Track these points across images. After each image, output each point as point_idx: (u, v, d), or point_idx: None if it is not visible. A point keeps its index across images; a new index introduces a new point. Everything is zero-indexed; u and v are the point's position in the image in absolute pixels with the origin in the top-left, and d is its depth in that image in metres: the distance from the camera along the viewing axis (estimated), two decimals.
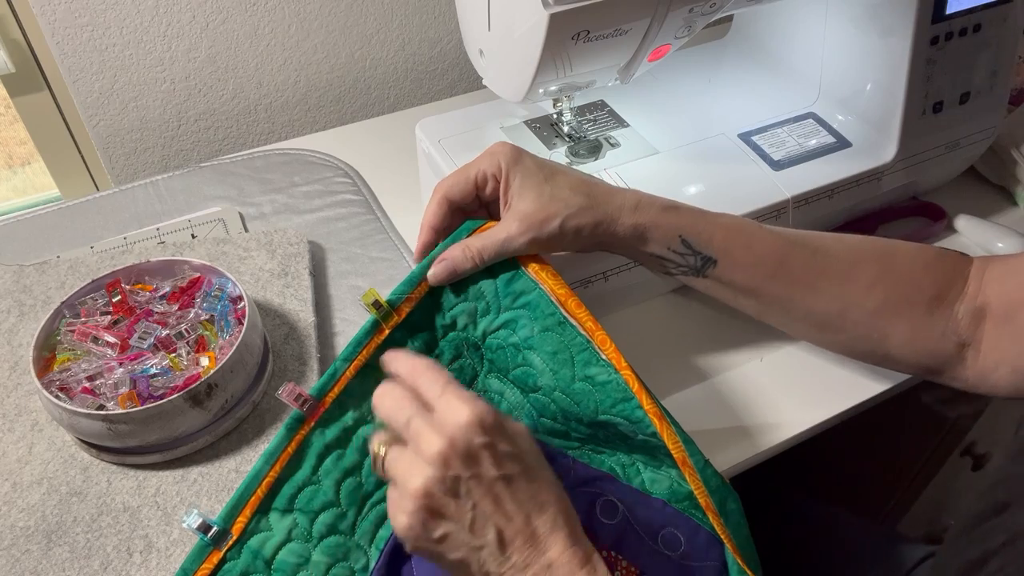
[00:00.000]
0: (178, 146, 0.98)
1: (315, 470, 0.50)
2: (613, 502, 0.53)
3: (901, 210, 0.81)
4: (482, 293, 0.55)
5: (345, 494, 0.51)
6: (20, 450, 0.59)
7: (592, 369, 0.51)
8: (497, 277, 0.54)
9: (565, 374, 0.52)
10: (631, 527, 0.52)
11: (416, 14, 1.02)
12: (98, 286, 0.63)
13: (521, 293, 0.54)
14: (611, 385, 0.50)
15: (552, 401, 0.53)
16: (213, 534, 0.48)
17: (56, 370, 0.58)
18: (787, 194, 0.71)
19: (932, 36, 0.71)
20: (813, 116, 0.79)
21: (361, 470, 0.51)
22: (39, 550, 0.53)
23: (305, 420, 0.50)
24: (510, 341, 0.54)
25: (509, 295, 0.54)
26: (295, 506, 0.50)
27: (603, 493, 0.53)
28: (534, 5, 0.54)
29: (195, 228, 0.80)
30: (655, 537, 0.51)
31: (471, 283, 0.55)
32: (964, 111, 0.77)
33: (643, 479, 0.53)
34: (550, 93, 0.67)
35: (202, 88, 0.95)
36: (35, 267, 0.73)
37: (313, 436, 0.51)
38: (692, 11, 0.60)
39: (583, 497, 0.53)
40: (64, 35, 0.84)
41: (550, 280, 0.53)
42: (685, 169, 0.72)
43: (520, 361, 0.54)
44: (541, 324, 0.52)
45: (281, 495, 0.50)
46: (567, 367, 0.52)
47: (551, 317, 0.52)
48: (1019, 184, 0.84)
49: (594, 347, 0.51)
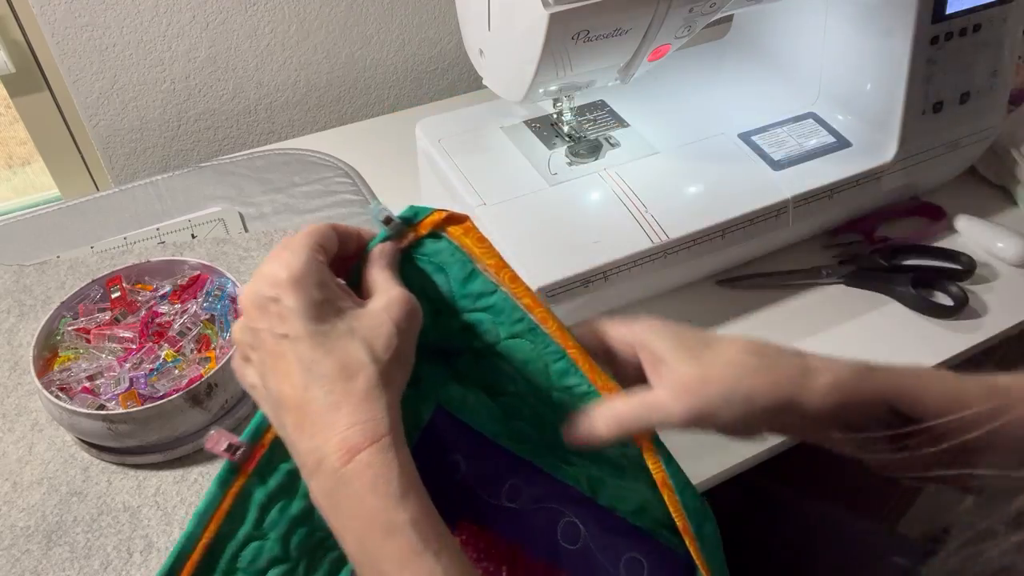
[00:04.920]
0: (178, 146, 0.98)
1: (258, 524, 0.44)
2: (575, 525, 0.49)
3: (901, 210, 0.81)
4: (439, 294, 0.48)
5: (295, 546, 0.45)
6: (20, 450, 0.59)
7: (570, 379, 0.46)
8: (451, 276, 0.47)
9: (540, 383, 0.47)
10: (592, 553, 0.48)
11: (416, 14, 1.02)
12: (98, 286, 0.63)
13: (480, 295, 0.47)
14: (591, 397, 0.46)
15: (524, 405, 0.49)
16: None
17: (56, 370, 0.58)
18: (787, 194, 0.71)
19: (932, 36, 0.71)
20: (813, 116, 0.79)
21: (312, 518, 0.45)
22: (39, 550, 0.53)
23: (241, 469, 0.43)
24: (473, 346, 0.49)
25: (467, 297, 0.47)
26: (238, 566, 0.44)
27: (565, 514, 0.49)
28: (534, 5, 0.54)
29: (195, 228, 0.80)
30: (617, 564, 0.48)
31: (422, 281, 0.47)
32: (964, 111, 0.77)
33: (610, 495, 0.49)
34: (550, 93, 0.67)
35: (202, 88, 0.95)
36: (35, 267, 0.73)
37: (252, 487, 0.44)
38: (692, 11, 0.60)
39: (545, 515, 0.49)
40: (64, 35, 0.84)
41: (510, 284, 0.46)
42: (685, 169, 0.72)
43: (487, 367, 0.49)
44: (507, 330, 0.47)
45: (223, 556, 0.43)
46: (542, 377, 0.47)
47: (519, 323, 0.46)
48: (1019, 184, 0.84)
49: (569, 357, 0.46)
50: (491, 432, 0.50)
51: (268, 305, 0.38)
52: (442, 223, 0.45)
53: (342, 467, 0.36)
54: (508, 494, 0.49)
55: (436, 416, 0.49)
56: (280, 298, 0.38)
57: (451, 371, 0.51)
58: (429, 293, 0.46)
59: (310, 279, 0.39)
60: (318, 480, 0.37)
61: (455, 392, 0.50)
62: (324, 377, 0.37)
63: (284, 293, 0.38)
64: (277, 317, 0.38)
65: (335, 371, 0.37)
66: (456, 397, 0.50)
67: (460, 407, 0.50)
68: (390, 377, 0.39)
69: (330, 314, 0.39)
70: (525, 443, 0.51)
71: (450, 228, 0.45)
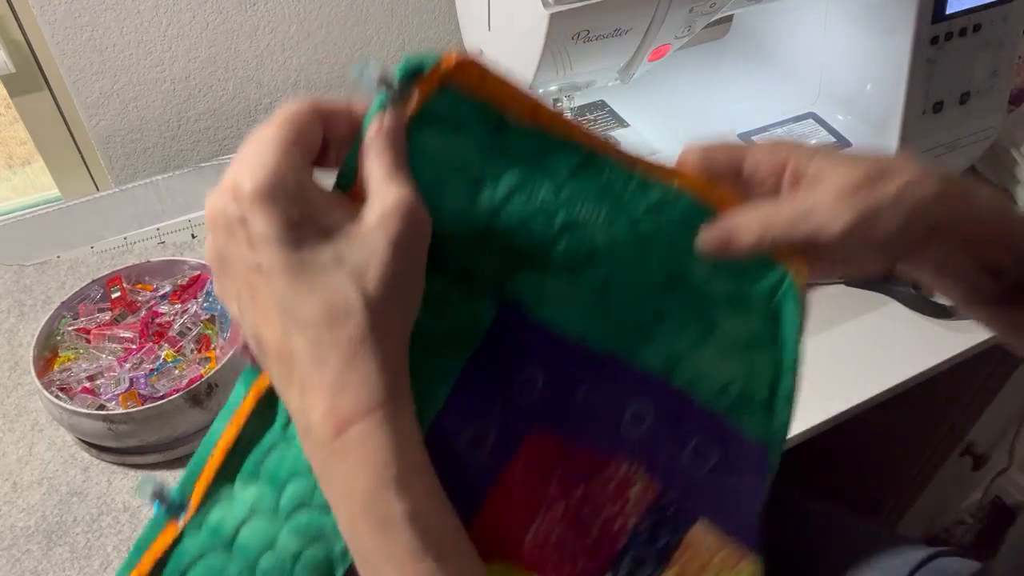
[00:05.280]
0: (178, 146, 0.98)
1: (284, 429, 0.39)
2: (643, 410, 0.43)
3: None
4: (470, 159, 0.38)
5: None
6: (20, 450, 0.59)
7: (653, 194, 0.39)
8: (477, 135, 0.38)
9: (621, 222, 0.39)
10: (657, 436, 0.43)
11: (416, 14, 1.02)
12: (98, 286, 0.63)
13: (520, 147, 0.39)
14: (682, 203, 0.39)
15: (613, 271, 0.40)
16: (168, 506, 0.39)
17: (56, 370, 0.58)
18: None
19: (932, 36, 0.71)
20: (813, 116, 0.79)
21: None
22: (39, 550, 0.53)
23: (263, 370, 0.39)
24: (529, 213, 0.39)
25: (504, 154, 0.39)
26: (261, 473, 0.39)
27: (634, 400, 0.43)
28: (534, 5, 0.54)
29: (195, 228, 0.80)
30: (683, 447, 0.43)
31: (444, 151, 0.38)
32: (964, 111, 0.77)
33: (687, 375, 0.43)
34: (550, 93, 0.67)
35: (202, 88, 0.95)
36: (35, 267, 0.73)
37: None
38: (692, 11, 0.60)
39: (611, 403, 0.43)
40: (64, 35, 0.84)
41: (552, 124, 0.39)
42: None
43: (558, 228, 0.39)
44: (565, 177, 0.39)
45: (247, 459, 0.39)
46: (620, 213, 0.39)
47: (574, 161, 0.39)
48: (1019, 184, 0.84)
49: (640, 171, 0.39)
50: (566, 326, 0.41)
51: (234, 227, 0.31)
52: (455, 72, 0.36)
53: (331, 440, 0.30)
54: (581, 400, 0.42)
55: (501, 318, 0.40)
56: (247, 219, 0.30)
57: (511, 255, 0.40)
58: (457, 163, 0.38)
59: (283, 191, 0.30)
60: (308, 446, 0.32)
61: (525, 281, 0.40)
62: (306, 324, 0.30)
63: (251, 212, 0.30)
64: (246, 243, 0.30)
65: (319, 315, 0.30)
66: (527, 287, 0.40)
67: (534, 299, 0.40)
68: (388, 320, 0.31)
69: (311, 236, 0.31)
70: (605, 325, 0.42)
71: (463, 76, 0.36)
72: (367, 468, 0.30)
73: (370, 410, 0.30)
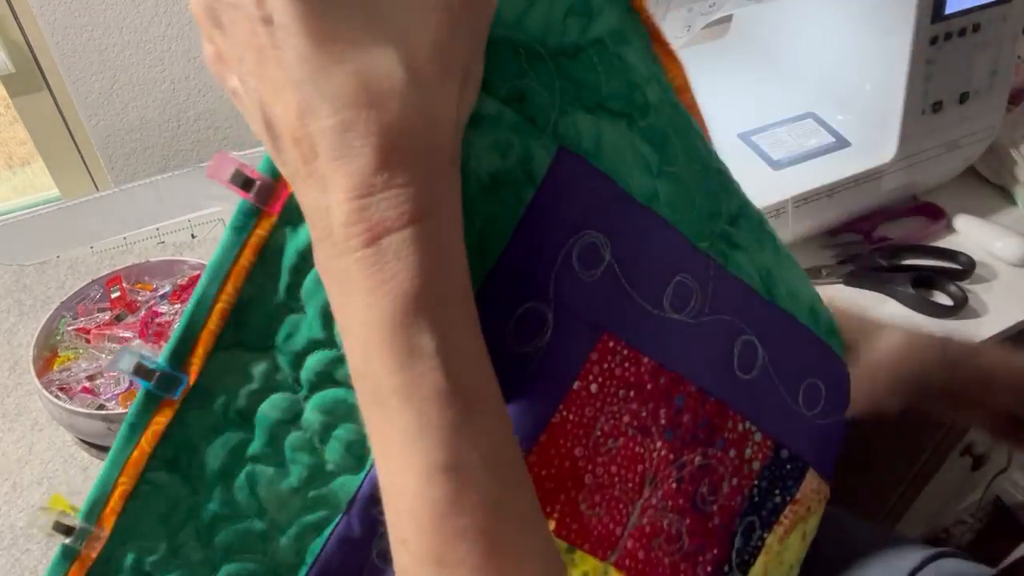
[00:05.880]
0: (178, 146, 0.98)
1: (291, 291, 0.31)
2: (753, 344, 0.36)
3: (901, 210, 0.81)
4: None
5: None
6: (20, 450, 0.59)
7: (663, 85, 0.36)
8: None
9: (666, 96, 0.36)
10: (772, 384, 0.37)
11: None
12: (98, 286, 0.63)
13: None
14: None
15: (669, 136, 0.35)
16: (159, 379, 0.32)
17: (56, 370, 0.58)
18: (787, 194, 0.71)
19: (931, 36, 0.71)
20: (813, 116, 0.79)
21: None
22: (39, 550, 0.53)
23: (263, 210, 0.31)
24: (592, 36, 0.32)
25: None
26: (273, 343, 0.32)
27: (743, 329, 0.36)
28: None
29: (195, 228, 0.80)
30: (796, 393, 0.38)
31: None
32: (963, 111, 0.77)
33: (785, 293, 0.38)
34: None
35: (202, 88, 0.95)
36: (35, 267, 0.73)
37: (281, 239, 0.31)
38: (691, 11, 0.60)
39: (718, 332, 0.35)
40: (64, 35, 0.84)
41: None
42: None
43: (619, 67, 0.33)
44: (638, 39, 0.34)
45: (248, 326, 0.32)
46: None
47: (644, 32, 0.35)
48: (1018, 184, 0.84)
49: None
50: (640, 192, 0.33)
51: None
52: None
53: (356, 250, 0.24)
54: (673, 299, 0.33)
55: (559, 161, 0.31)
56: None
57: (573, 88, 0.31)
58: None
59: None
60: (324, 253, 0.26)
61: (585, 124, 0.32)
62: (332, 100, 0.23)
63: None
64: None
65: (351, 92, 0.23)
66: (586, 133, 0.32)
67: (594, 149, 0.32)
68: (439, 105, 0.24)
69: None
70: (676, 199, 0.34)
71: None
72: (396, 289, 0.24)
73: (411, 220, 0.24)
